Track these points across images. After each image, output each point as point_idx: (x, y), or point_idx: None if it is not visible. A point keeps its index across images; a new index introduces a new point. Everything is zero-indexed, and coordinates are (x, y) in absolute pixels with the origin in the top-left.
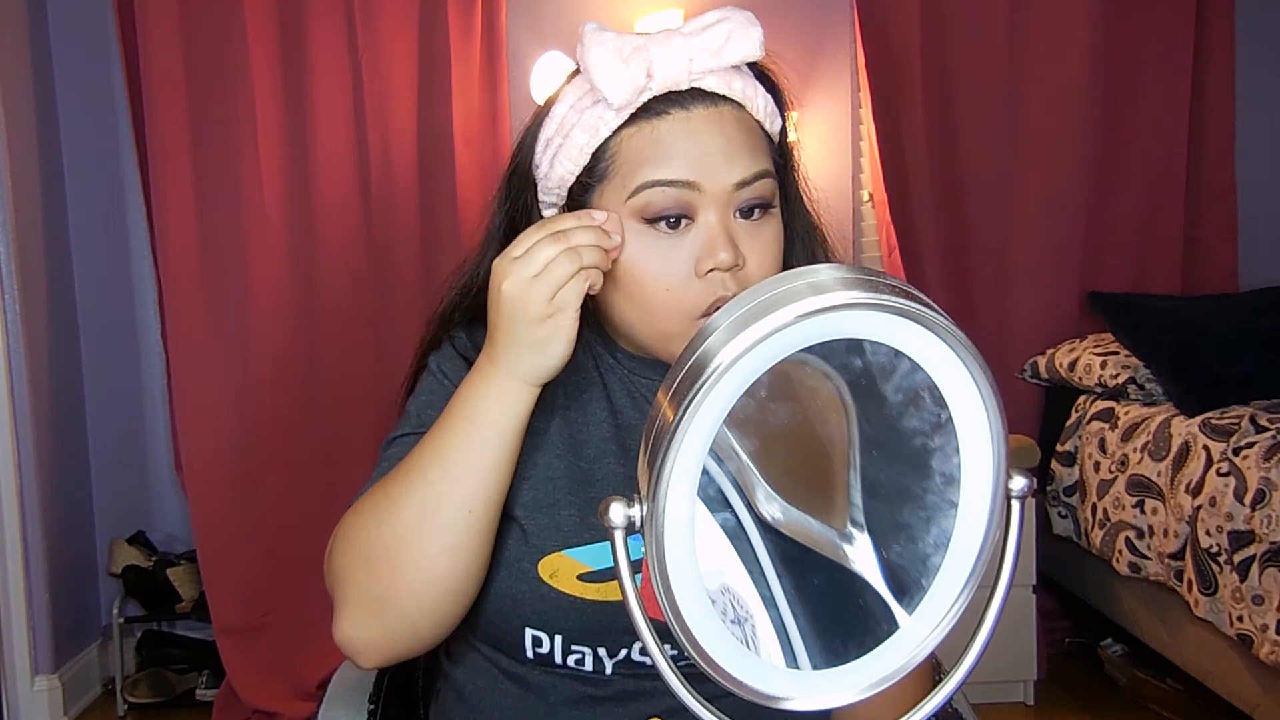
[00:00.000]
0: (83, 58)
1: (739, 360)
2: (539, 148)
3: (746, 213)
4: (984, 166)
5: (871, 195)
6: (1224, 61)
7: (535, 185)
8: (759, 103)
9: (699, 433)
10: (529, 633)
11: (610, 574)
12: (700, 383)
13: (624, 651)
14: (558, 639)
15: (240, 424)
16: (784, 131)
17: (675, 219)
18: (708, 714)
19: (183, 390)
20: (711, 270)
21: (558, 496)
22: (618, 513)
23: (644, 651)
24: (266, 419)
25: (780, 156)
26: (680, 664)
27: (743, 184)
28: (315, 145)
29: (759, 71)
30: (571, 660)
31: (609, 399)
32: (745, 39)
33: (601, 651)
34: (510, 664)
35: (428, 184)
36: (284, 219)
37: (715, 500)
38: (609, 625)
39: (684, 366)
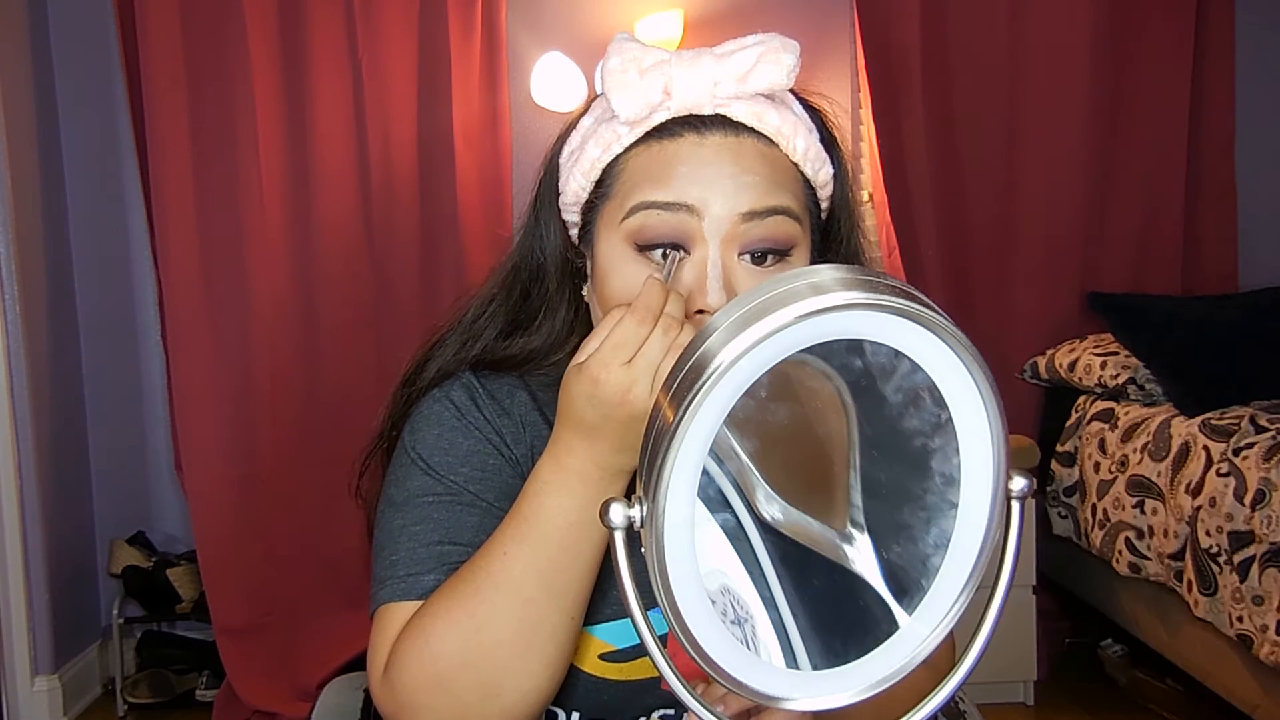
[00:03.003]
0: (83, 57)
1: (739, 360)
2: (562, 159)
3: (758, 258)
4: (984, 166)
5: (871, 195)
6: (1224, 61)
7: (559, 198)
8: (797, 142)
9: (699, 433)
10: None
11: (636, 653)
12: (700, 383)
13: (643, 719)
14: (575, 715)
15: (240, 424)
16: (838, 181)
17: (670, 250)
18: None
19: (183, 390)
20: (701, 312)
21: None
22: (618, 513)
23: (664, 719)
24: (266, 419)
25: (828, 210)
26: None
27: (751, 215)
28: (315, 145)
29: (818, 117)
30: None
31: None
32: (773, 66)
33: None
34: None
35: (428, 184)
36: (284, 219)
37: (715, 501)
38: (630, 703)
39: (684, 367)
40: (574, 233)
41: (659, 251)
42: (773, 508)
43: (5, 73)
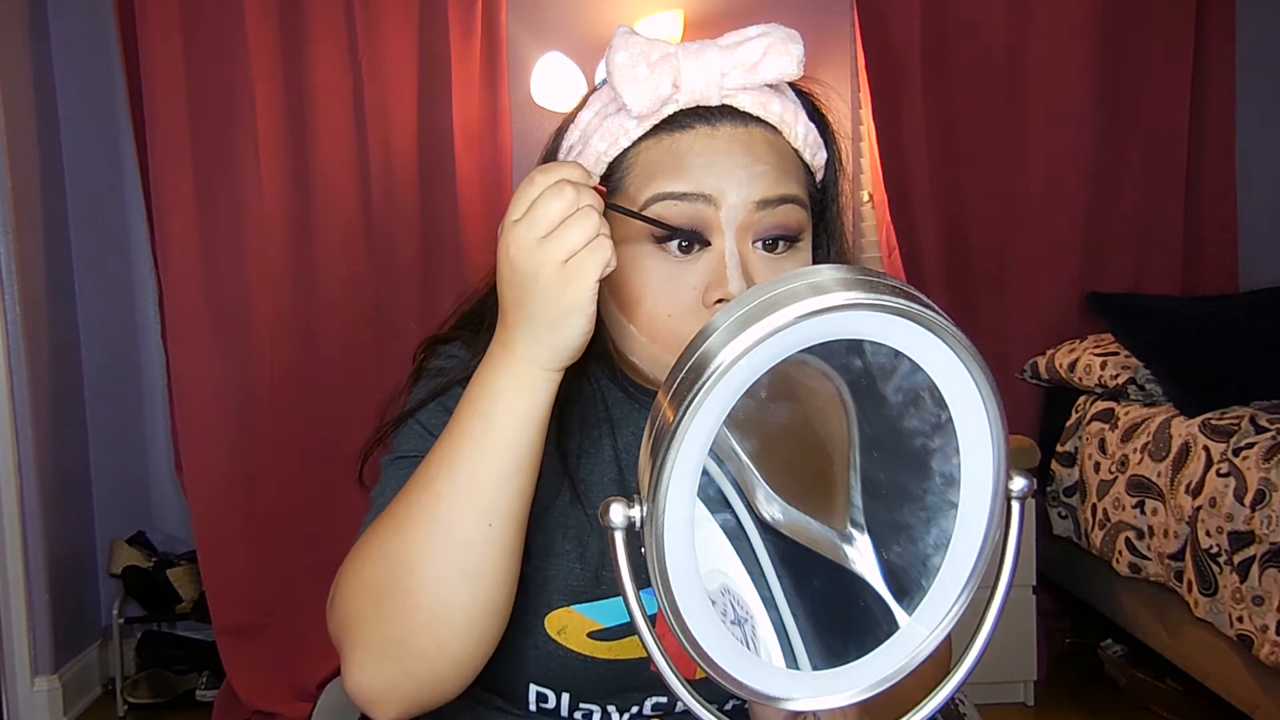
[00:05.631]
0: (83, 58)
1: (739, 360)
2: (560, 155)
3: (769, 244)
4: (984, 166)
5: (871, 195)
6: (1224, 61)
7: None
8: (798, 130)
9: (699, 433)
10: (533, 689)
11: (624, 631)
12: (700, 383)
13: (636, 708)
14: (565, 696)
15: (240, 424)
16: (830, 166)
17: (688, 241)
18: None
19: (183, 390)
20: (720, 301)
21: (566, 546)
22: (618, 513)
23: (656, 707)
24: (266, 419)
25: (820, 193)
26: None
27: (765, 204)
28: (316, 146)
29: (808, 101)
30: (579, 716)
31: (614, 438)
32: (783, 56)
33: (611, 708)
34: (511, 712)
35: (428, 185)
36: (284, 219)
37: (715, 501)
38: (621, 684)
39: (684, 367)
40: None
41: (674, 243)
42: (773, 508)
43: (5, 73)
